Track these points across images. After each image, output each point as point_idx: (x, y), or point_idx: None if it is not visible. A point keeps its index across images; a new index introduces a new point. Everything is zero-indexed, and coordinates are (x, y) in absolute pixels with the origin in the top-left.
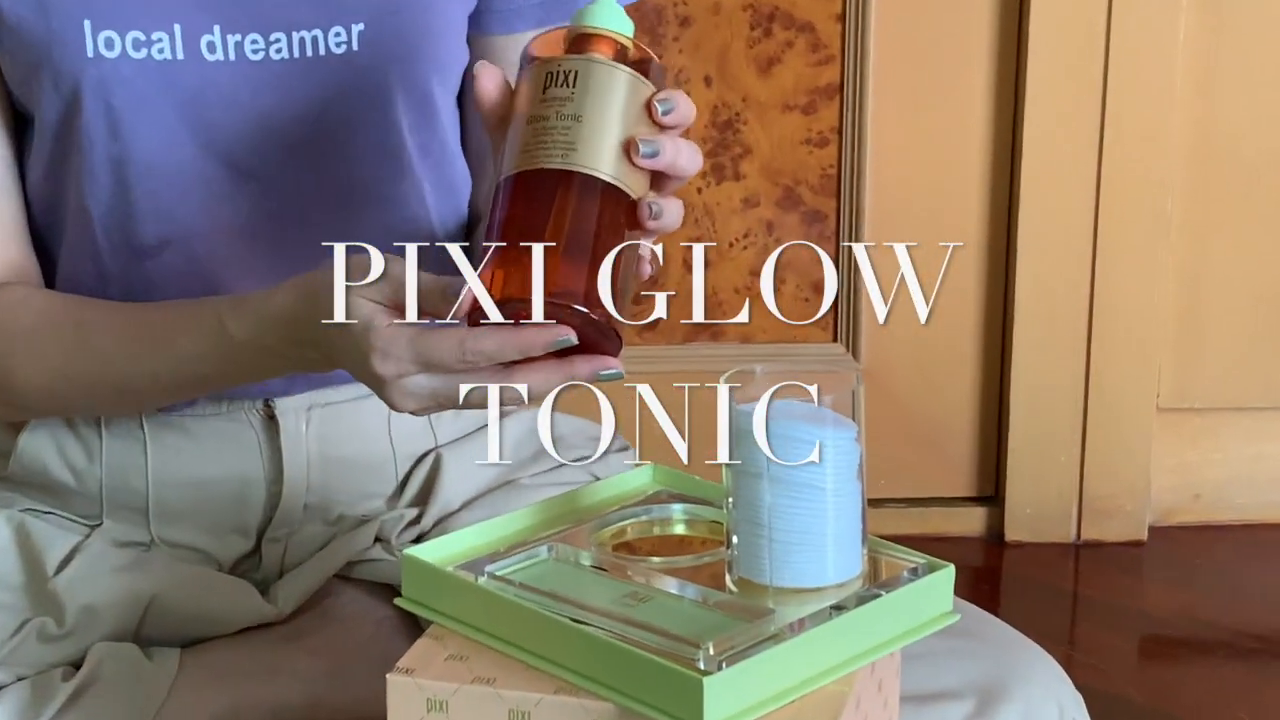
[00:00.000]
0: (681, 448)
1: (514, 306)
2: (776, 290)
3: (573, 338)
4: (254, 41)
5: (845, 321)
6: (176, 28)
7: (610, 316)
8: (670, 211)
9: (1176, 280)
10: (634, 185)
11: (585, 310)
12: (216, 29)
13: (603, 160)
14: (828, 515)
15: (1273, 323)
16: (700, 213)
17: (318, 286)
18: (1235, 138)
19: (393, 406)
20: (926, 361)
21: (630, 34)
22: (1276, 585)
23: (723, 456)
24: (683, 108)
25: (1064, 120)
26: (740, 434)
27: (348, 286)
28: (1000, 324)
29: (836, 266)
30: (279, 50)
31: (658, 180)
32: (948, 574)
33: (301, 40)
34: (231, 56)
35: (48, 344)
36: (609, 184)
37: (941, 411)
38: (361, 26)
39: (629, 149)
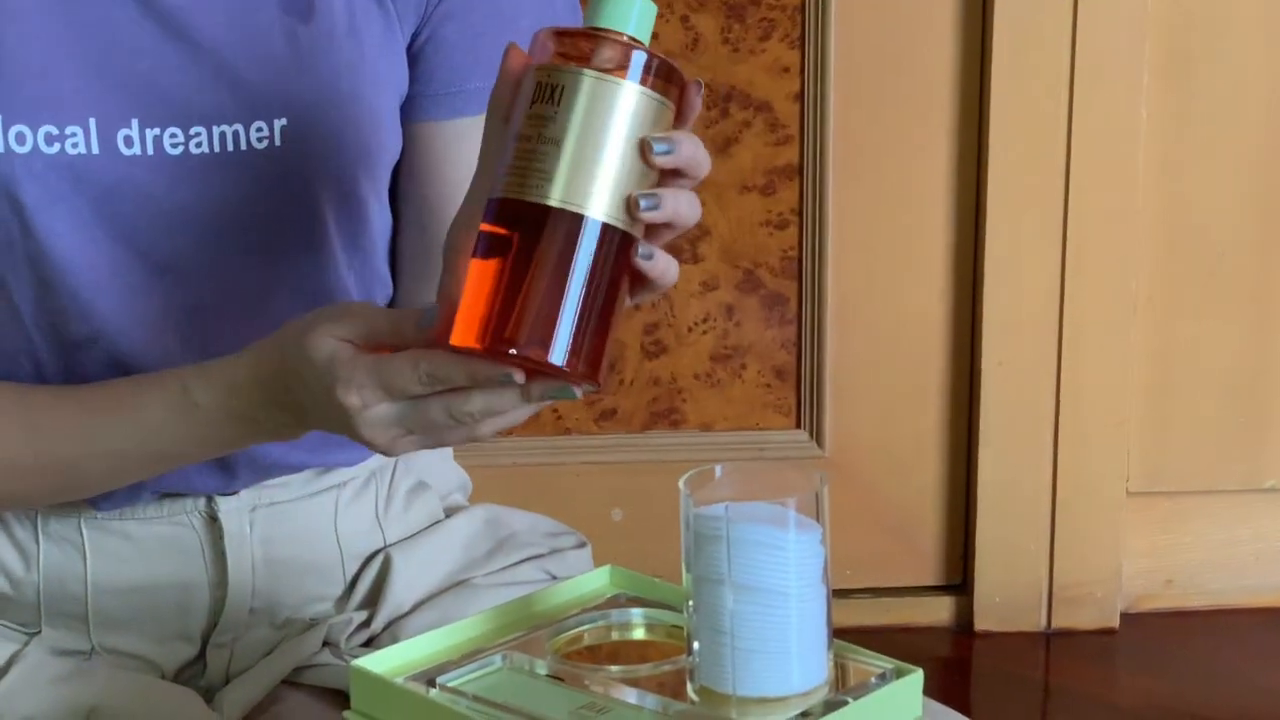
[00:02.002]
0: None
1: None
2: (737, 376)
3: (519, 377)
4: (173, 135)
5: (809, 408)
6: (92, 121)
7: (577, 373)
8: (665, 260)
9: (1144, 362)
10: (626, 223)
11: (558, 366)
12: (135, 122)
13: (592, 197)
14: (791, 622)
15: (1242, 403)
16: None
17: (284, 341)
18: (1200, 217)
19: (365, 441)
20: (892, 448)
21: (645, 34)
22: (1249, 672)
23: (683, 562)
24: (684, 151)
25: (1028, 200)
26: (700, 539)
27: (314, 329)
28: (967, 408)
29: (798, 351)
30: (199, 145)
31: (651, 229)
32: (916, 679)
33: (222, 135)
34: (149, 151)
35: None
36: (603, 225)
37: (908, 498)
38: (284, 122)
39: (629, 204)
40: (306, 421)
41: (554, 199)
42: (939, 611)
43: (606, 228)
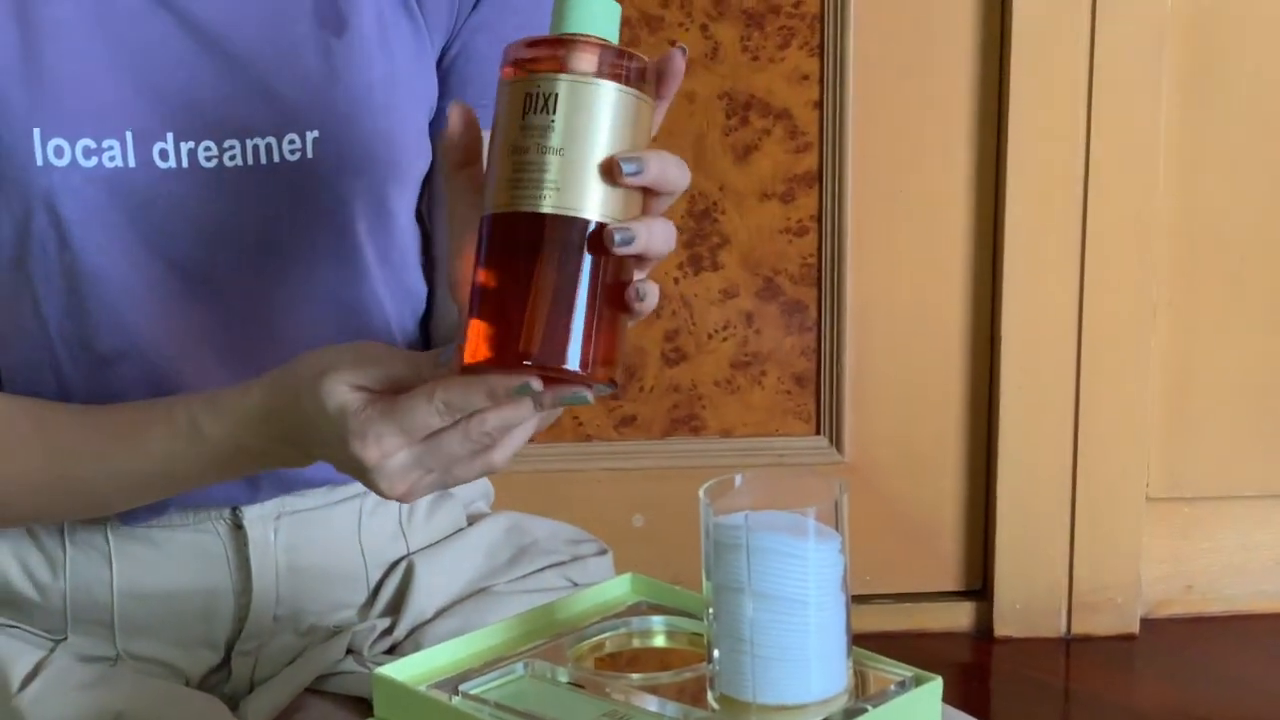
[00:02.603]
0: None
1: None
2: (757, 382)
3: (537, 385)
4: (207, 148)
5: (829, 414)
6: (128, 134)
7: (594, 377)
8: (653, 295)
9: (1163, 368)
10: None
11: (575, 372)
12: (169, 136)
13: (589, 200)
14: (810, 630)
15: (1262, 410)
16: (678, 304)
17: (297, 380)
18: (1220, 222)
19: (383, 493)
20: (912, 453)
21: (615, 34)
22: (1268, 677)
23: (703, 571)
24: (652, 170)
25: (1047, 205)
26: (720, 547)
27: (328, 375)
28: (986, 414)
29: (818, 357)
30: (233, 158)
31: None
32: (935, 686)
33: (255, 148)
34: (184, 164)
35: (4, 446)
36: (600, 226)
37: (927, 504)
38: (316, 134)
39: (604, 235)
40: (314, 456)
41: (555, 206)
42: (959, 617)
43: (605, 229)
